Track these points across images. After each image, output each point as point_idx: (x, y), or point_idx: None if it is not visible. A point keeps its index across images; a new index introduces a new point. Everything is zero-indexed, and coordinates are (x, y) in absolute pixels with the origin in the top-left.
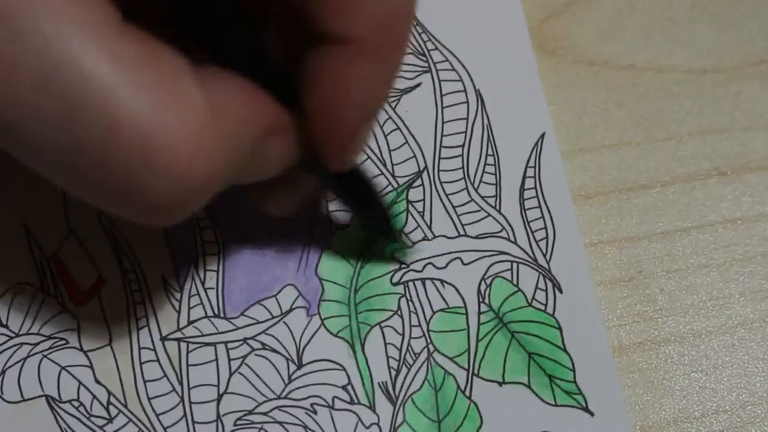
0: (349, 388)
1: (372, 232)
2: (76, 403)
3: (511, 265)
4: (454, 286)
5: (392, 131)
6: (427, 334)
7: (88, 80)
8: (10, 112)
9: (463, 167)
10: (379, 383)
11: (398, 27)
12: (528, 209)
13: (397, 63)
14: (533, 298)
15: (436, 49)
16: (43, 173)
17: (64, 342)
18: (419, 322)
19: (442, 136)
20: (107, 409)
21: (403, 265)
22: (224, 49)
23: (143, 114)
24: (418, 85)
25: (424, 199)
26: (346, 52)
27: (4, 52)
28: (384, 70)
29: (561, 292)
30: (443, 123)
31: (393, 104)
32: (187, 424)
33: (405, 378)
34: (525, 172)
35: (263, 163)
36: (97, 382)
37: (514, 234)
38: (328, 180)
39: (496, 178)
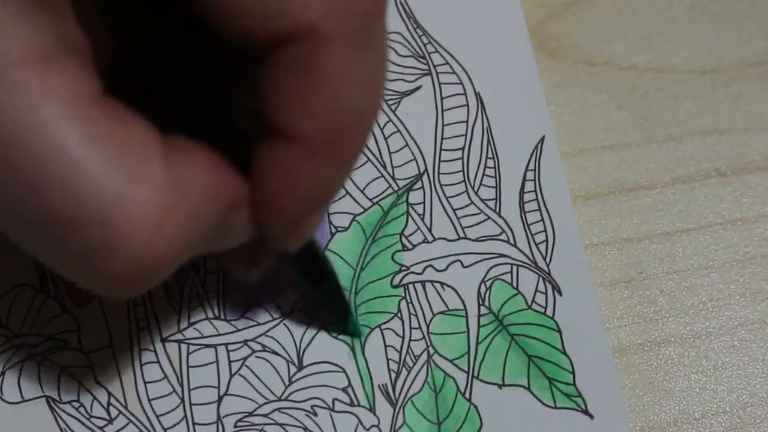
0: (349, 390)
1: (325, 311)
2: (76, 404)
3: (511, 268)
4: (454, 289)
5: (392, 134)
6: (427, 337)
7: (55, 152)
8: None
9: (463, 170)
10: (379, 385)
11: (353, 131)
12: (528, 212)
13: (349, 163)
14: (533, 300)
15: (436, 51)
16: (5, 234)
17: (64, 343)
18: (419, 324)
19: (442, 138)
20: (107, 410)
21: (403, 268)
22: (194, 115)
23: (106, 191)
24: (419, 87)
25: (424, 202)
26: (294, 148)
27: None
28: (334, 169)
29: (561, 294)
30: (443, 126)
31: (393, 107)
32: (188, 426)
33: (405, 380)
34: (525, 174)
35: (226, 236)
36: (98, 383)
37: (514, 237)
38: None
39: (496, 180)
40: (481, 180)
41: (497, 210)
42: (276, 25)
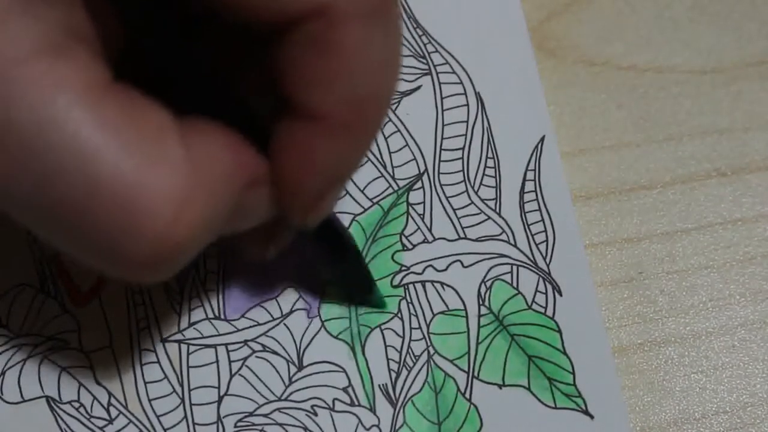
0: (349, 390)
1: (348, 287)
2: (76, 404)
3: (511, 268)
4: (454, 289)
5: (392, 134)
6: (427, 337)
7: (70, 142)
8: None
9: (463, 170)
10: (379, 385)
11: (371, 110)
12: (528, 212)
13: (367, 141)
14: (533, 300)
15: (436, 51)
16: (24, 225)
17: (64, 343)
18: (419, 324)
19: (442, 138)
20: (108, 411)
21: (403, 268)
22: (207, 99)
23: (124, 176)
24: (419, 87)
25: (424, 202)
26: (313, 126)
27: None
28: (352, 147)
29: (561, 294)
30: (443, 126)
31: (393, 107)
32: (188, 426)
33: (405, 380)
34: (525, 174)
35: (246, 215)
36: (98, 383)
37: (514, 237)
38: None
39: (496, 180)
40: (481, 180)
41: (497, 210)
42: (293, 4)
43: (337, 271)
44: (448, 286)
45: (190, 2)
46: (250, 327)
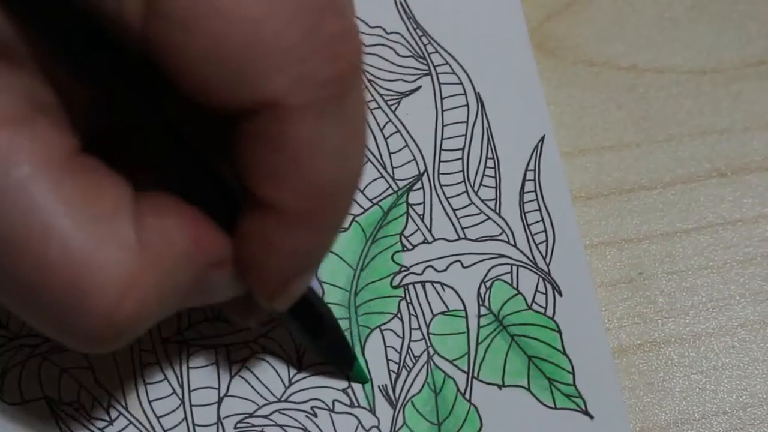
0: (349, 391)
1: (327, 361)
2: (76, 405)
3: (511, 268)
4: (454, 289)
5: (392, 134)
6: (427, 337)
7: (22, 217)
8: None
9: (463, 170)
10: (379, 386)
11: (331, 200)
12: (528, 212)
13: (332, 230)
14: (533, 301)
15: (436, 52)
16: None
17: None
18: (419, 325)
19: (442, 139)
20: (108, 412)
21: (403, 268)
22: (176, 170)
23: (74, 255)
24: (418, 88)
25: (424, 202)
26: (272, 216)
27: None
28: (315, 236)
29: (561, 295)
30: (443, 126)
31: (393, 107)
32: (188, 427)
33: (405, 381)
34: (525, 175)
35: (211, 292)
36: (98, 384)
37: (514, 237)
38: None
39: (496, 181)
40: (481, 180)
41: (497, 210)
42: (240, 98)
43: (315, 347)
44: (448, 286)
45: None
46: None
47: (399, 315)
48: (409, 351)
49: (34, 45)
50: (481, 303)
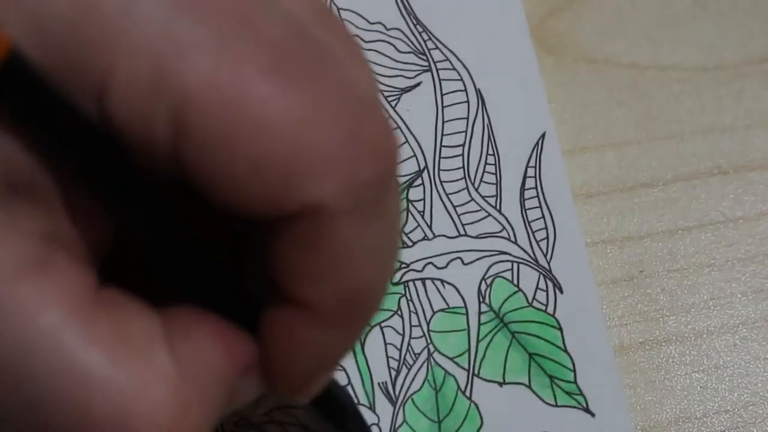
0: (349, 388)
1: None
2: None
3: (512, 265)
4: (454, 286)
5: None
6: (427, 335)
7: (58, 367)
8: None
9: (463, 167)
10: (379, 383)
11: (362, 302)
12: (528, 209)
13: (358, 331)
14: (534, 298)
15: (437, 48)
16: None
17: None
18: (419, 322)
19: (442, 135)
20: None
21: (403, 265)
22: (198, 275)
23: (116, 401)
24: (419, 84)
25: (424, 199)
26: (302, 315)
27: None
28: (342, 336)
29: (561, 292)
30: (443, 122)
31: (393, 103)
32: None
33: (405, 378)
34: (525, 171)
35: (237, 398)
36: None
37: (514, 234)
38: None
39: (496, 177)
40: (482, 177)
41: (498, 207)
42: (283, 206)
43: None
44: (449, 283)
45: (177, 190)
46: None
47: (399, 312)
48: (410, 348)
49: (56, 178)
50: (481, 300)
